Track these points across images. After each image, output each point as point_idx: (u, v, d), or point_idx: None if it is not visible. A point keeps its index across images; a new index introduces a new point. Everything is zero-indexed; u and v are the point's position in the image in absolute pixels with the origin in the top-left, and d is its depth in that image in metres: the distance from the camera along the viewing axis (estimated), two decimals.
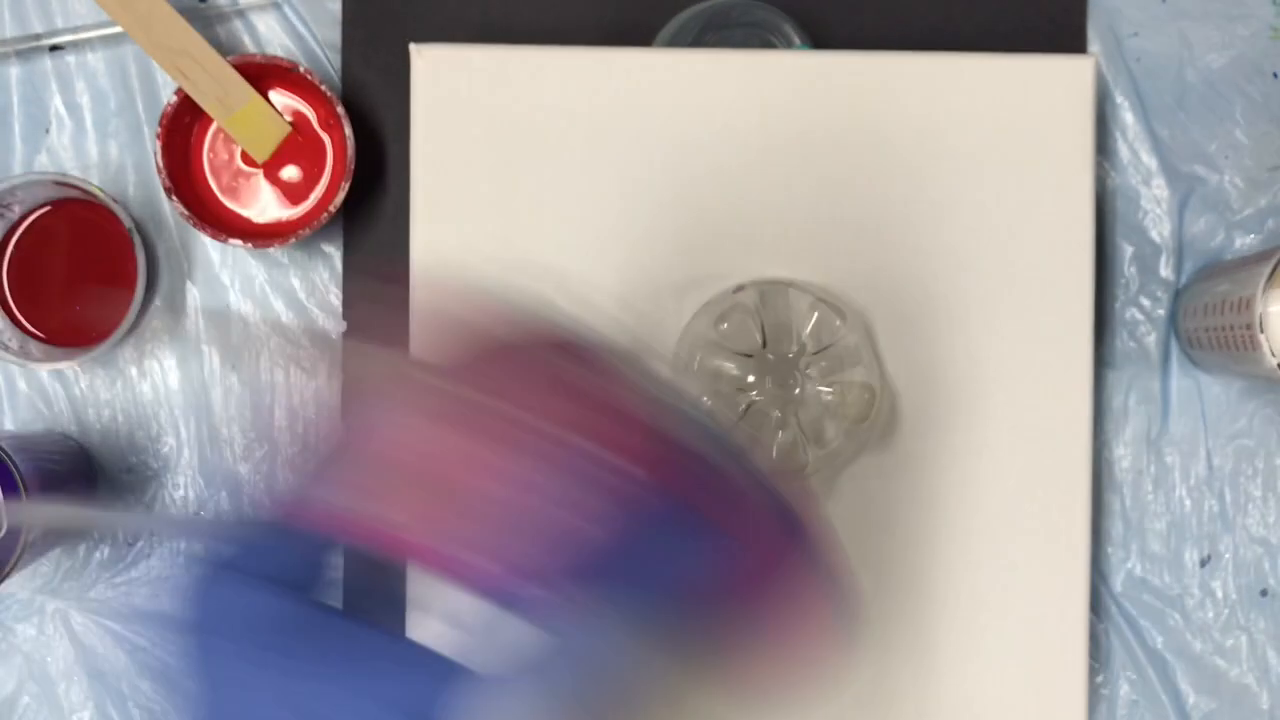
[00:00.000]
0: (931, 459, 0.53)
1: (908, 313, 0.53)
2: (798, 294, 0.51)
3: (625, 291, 0.53)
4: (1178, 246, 0.60)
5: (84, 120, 0.60)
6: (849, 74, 0.53)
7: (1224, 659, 0.59)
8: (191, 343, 0.59)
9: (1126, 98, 0.60)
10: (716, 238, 0.53)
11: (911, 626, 0.53)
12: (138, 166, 0.60)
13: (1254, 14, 0.60)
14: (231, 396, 0.59)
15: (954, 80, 0.53)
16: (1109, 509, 0.59)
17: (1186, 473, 0.59)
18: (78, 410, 0.59)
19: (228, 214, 0.59)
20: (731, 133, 0.53)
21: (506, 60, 0.53)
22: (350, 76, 0.60)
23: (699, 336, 0.51)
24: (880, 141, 0.53)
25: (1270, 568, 0.59)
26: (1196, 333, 0.57)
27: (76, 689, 0.59)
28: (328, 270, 0.60)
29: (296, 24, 0.60)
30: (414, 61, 0.53)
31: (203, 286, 0.60)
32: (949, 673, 0.53)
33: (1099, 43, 0.60)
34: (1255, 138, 0.60)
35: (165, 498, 0.59)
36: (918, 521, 0.53)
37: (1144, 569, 0.59)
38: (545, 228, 0.53)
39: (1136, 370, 0.60)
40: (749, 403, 0.51)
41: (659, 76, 0.53)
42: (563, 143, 0.53)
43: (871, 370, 0.51)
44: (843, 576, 0.35)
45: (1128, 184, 0.60)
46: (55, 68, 0.60)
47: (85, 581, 0.59)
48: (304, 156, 0.59)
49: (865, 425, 0.51)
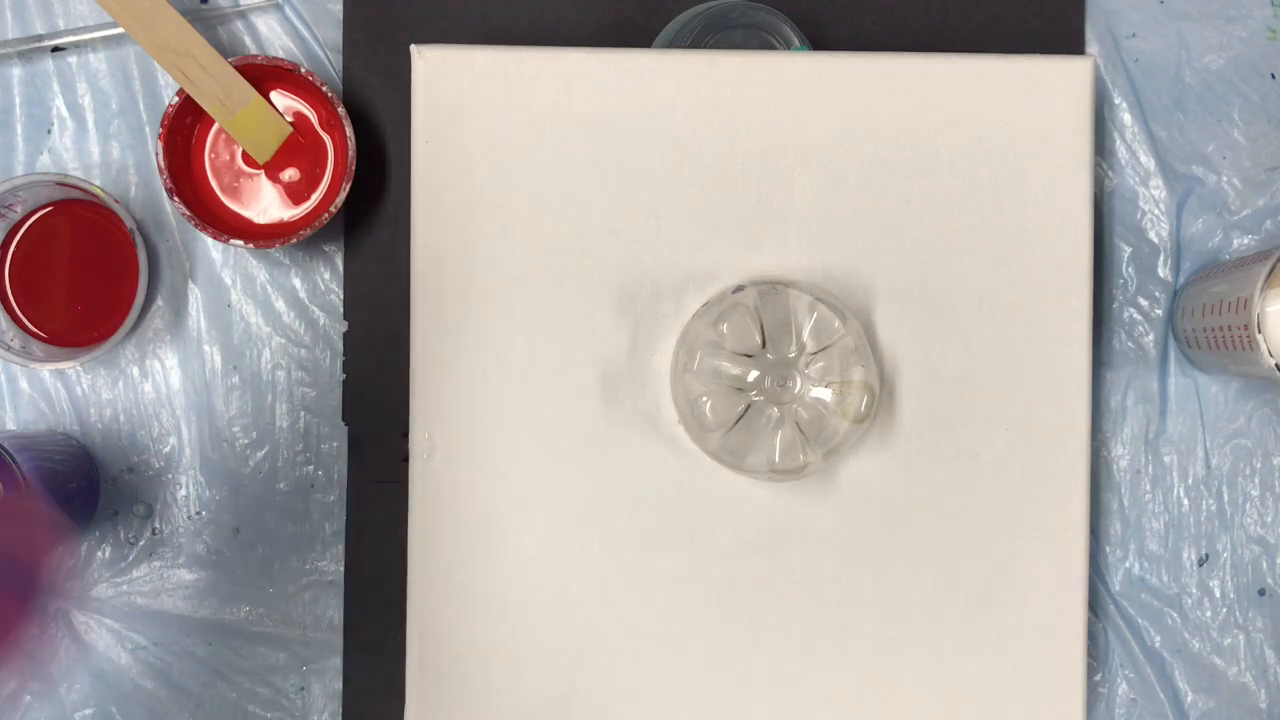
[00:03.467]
0: (931, 459, 0.53)
1: (907, 313, 0.53)
2: (797, 294, 0.51)
3: (625, 291, 0.53)
4: (1176, 247, 0.60)
5: (86, 121, 0.60)
6: (848, 75, 0.53)
7: (1222, 658, 0.59)
8: (193, 343, 0.60)
9: (1124, 99, 0.60)
10: (716, 238, 0.53)
11: (910, 625, 0.53)
12: (139, 167, 0.60)
13: (1251, 15, 0.60)
14: (233, 397, 0.60)
15: (953, 81, 0.53)
16: (1107, 508, 0.60)
17: (1184, 472, 0.60)
18: (79, 410, 0.60)
19: (229, 214, 0.59)
20: (731, 133, 0.53)
21: (507, 61, 0.53)
22: (351, 77, 0.60)
23: (699, 336, 0.51)
24: (879, 142, 0.53)
25: (1268, 567, 0.59)
26: (1194, 333, 0.57)
27: (78, 688, 0.59)
28: (329, 270, 0.60)
29: (298, 25, 0.60)
30: (415, 63, 0.53)
31: (204, 287, 0.60)
32: (948, 671, 0.53)
33: (1097, 44, 0.60)
34: (1253, 138, 0.60)
35: (167, 497, 0.60)
36: (917, 521, 0.53)
37: (1142, 568, 0.60)
38: (545, 228, 0.53)
39: (1134, 370, 0.60)
40: (749, 403, 0.51)
41: (659, 77, 0.53)
42: (563, 143, 0.53)
43: (871, 370, 0.51)
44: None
45: (1126, 184, 0.60)
46: (57, 68, 0.60)
47: (87, 580, 0.59)
48: (305, 157, 0.59)
49: (865, 425, 0.51)
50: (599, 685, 0.53)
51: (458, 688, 0.53)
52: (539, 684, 0.53)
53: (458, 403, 0.53)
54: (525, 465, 0.53)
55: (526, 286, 0.53)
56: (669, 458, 0.53)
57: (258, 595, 0.59)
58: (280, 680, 0.59)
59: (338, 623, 0.59)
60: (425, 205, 0.53)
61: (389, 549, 0.59)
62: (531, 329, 0.53)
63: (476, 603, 0.53)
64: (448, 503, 0.53)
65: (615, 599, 0.53)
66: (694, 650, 0.53)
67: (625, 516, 0.53)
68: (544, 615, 0.53)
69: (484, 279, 0.53)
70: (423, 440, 0.53)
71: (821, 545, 0.53)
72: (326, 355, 0.60)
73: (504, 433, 0.53)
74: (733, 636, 0.53)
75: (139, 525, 0.60)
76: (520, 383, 0.53)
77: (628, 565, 0.53)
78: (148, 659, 0.59)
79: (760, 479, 0.52)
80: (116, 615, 0.59)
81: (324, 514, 0.60)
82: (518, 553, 0.53)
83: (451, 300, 0.53)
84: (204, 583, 0.60)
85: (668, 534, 0.53)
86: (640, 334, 0.53)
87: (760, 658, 0.53)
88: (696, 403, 0.51)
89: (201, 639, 0.59)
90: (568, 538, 0.53)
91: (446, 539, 0.53)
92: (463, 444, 0.53)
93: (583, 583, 0.53)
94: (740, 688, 0.53)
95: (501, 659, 0.53)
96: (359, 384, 0.60)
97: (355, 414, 0.60)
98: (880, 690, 0.53)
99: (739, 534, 0.53)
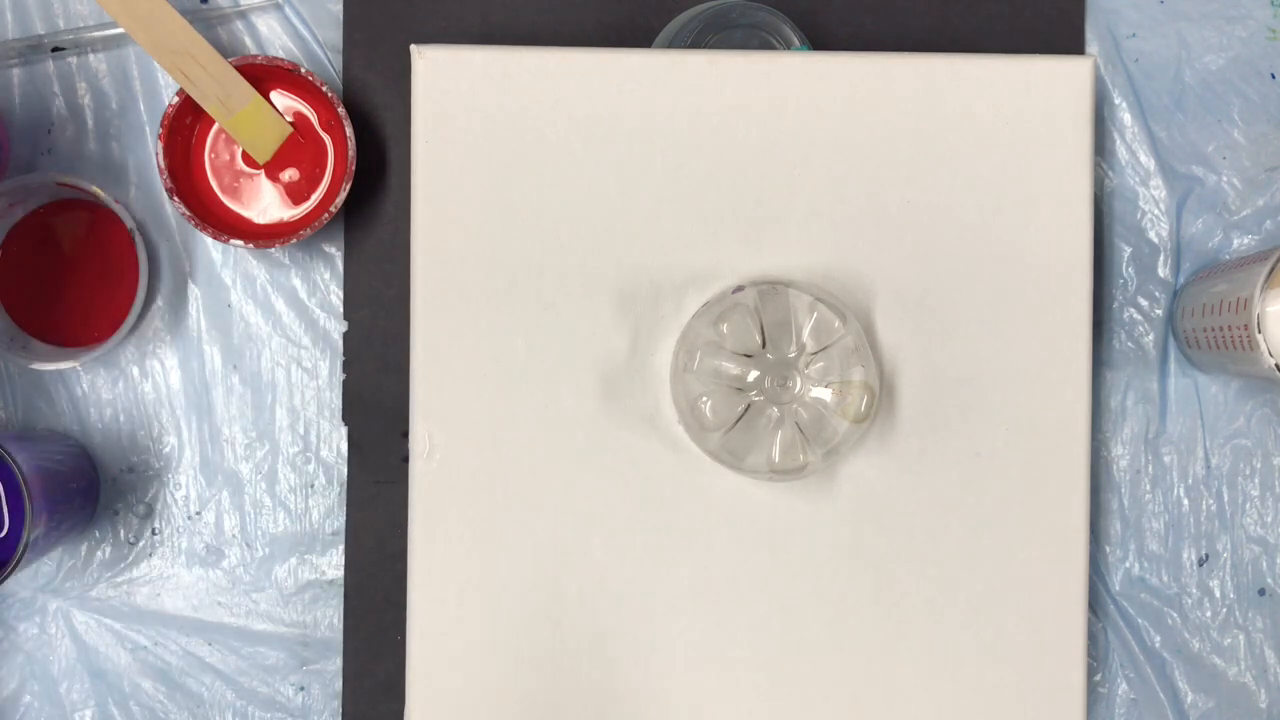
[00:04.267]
0: (930, 459, 0.53)
1: (906, 313, 0.53)
2: (797, 294, 0.51)
3: (625, 291, 0.53)
4: (1176, 247, 0.60)
5: (86, 121, 0.60)
6: (848, 75, 0.53)
7: (1222, 658, 0.59)
8: (193, 343, 0.60)
9: (1125, 99, 0.60)
10: (716, 238, 0.53)
11: (910, 625, 0.53)
12: (139, 167, 0.60)
13: (1251, 15, 0.60)
14: (233, 396, 0.60)
15: (953, 81, 0.53)
16: (1107, 508, 0.60)
17: (1184, 472, 0.60)
18: (79, 410, 0.60)
19: (229, 214, 0.59)
20: (731, 133, 0.53)
21: (507, 61, 0.53)
22: (351, 78, 0.60)
23: (699, 336, 0.51)
24: (879, 142, 0.53)
25: (1268, 567, 0.59)
26: (1194, 333, 0.57)
27: (78, 688, 0.59)
28: (329, 270, 0.60)
29: (298, 25, 0.60)
30: (415, 63, 0.53)
31: (204, 287, 0.60)
32: (948, 671, 0.53)
33: (1097, 44, 0.60)
34: (1253, 138, 0.60)
35: (166, 497, 0.60)
36: (917, 521, 0.53)
37: (1142, 568, 0.60)
38: (545, 228, 0.53)
39: (1134, 370, 0.60)
40: (749, 403, 0.51)
41: (659, 77, 0.53)
42: (563, 143, 0.53)
43: (871, 370, 0.51)
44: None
45: (1126, 185, 0.60)
46: (57, 69, 0.60)
47: (87, 580, 0.59)
48: (305, 157, 0.59)
49: (865, 425, 0.51)
50: (599, 685, 0.53)
51: (458, 688, 0.53)
52: (539, 684, 0.53)
53: (458, 403, 0.53)
54: (525, 465, 0.53)
55: (527, 286, 0.53)
56: (669, 458, 0.53)
57: (258, 595, 0.59)
58: (280, 680, 0.59)
59: (338, 623, 0.59)
60: (425, 205, 0.53)
61: (389, 549, 0.59)
62: (531, 329, 0.53)
63: (476, 603, 0.53)
64: (448, 503, 0.53)
65: (615, 599, 0.53)
66: (694, 650, 0.53)
67: (625, 516, 0.53)
68: (544, 615, 0.53)
69: (484, 279, 0.53)
70: (423, 440, 0.53)
71: (821, 545, 0.53)
72: (326, 355, 0.60)
73: (504, 433, 0.53)
74: (732, 636, 0.53)
75: (139, 525, 0.60)
76: (520, 383, 0.53)
77: (628, 565, 0.53)
78: (148, 659, 0.59)
79: (760, 479, 0.52)
80: (116, 615, 0.59)
81: (324, 514, 0.60)
82: (518, 553, 0.53)
83: (451, 300, 0.53)
84: (204, 583, 0.60)
85: (668, 534, 0.53)
86: (640, 334, 0.53)
87: (760, 658, 0.53)
88: (696, 403, 0.51)
89: (201, 639, 0.59)
90: (568, 538, 0.53)
91: (446, 539, 0.53)
92: (463, 444, 0.53)
93: (583, 582, 0.53)
94: (740, 687, 0.53)
95: (501, 659, 0.53)
96: (359, 384, 0.60)
97: (355, 414, 0.60)
98: (880, 690, 0.53)
99: (739, 534, 0.53)
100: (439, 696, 0.53)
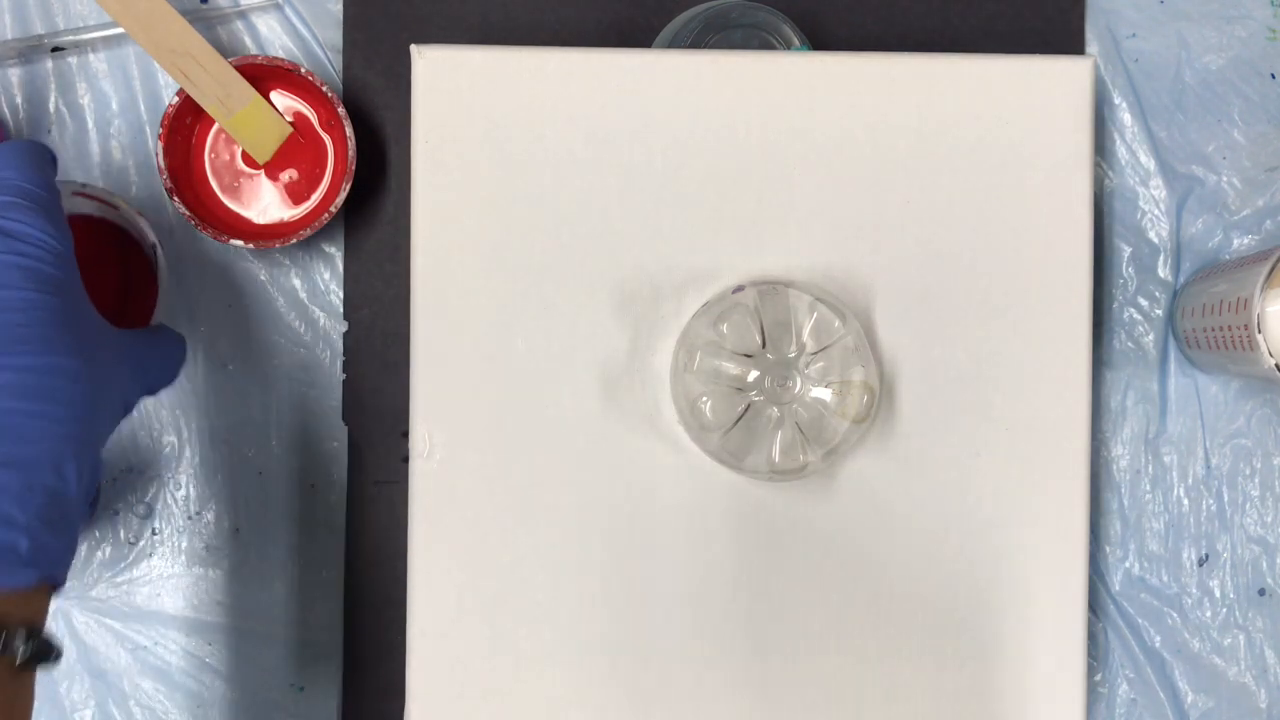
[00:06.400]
0: (930, 459, 0.53)
1: (906, 313, 0.53)
2: (797, 294, 0.51)
3: (625, 291, 0.53)
4: (1176, 247, 0.60)
5: (85, 121, 0.60)
6: (849, 75, 0.53)
7: (1222, 658, 0.59)
8: (193, 343, 0.60)
9: (1124, 99, 0.60)
10: (716, 238, 0.53)
11: (910, 626, 0.53)
12: (139, 167, 0.60)
13: (1251, 15, 0.60)
14: (233, 396, 0.60)
15: (953, 81, 0.53)
16: (1107, 508, 0.60)
17: (1184, 472, 0.60)
18: None
19: (229, 214, 0.59)
20: (731, 133, 0.53)
21: (507, 61, 0.53)
22: (351, 77, 0.60)
23: (698, 336, 0.51)
24: (879, 142, 0.53)
25: (1268, 567, 0.60)
26: (1194, 333, 0.57)
27: (78, 688, 0.59)
28: (329, 270, 0.60)
29: (298, 25, 0.60)
30: (415, 62, 0.53)
31: (204, 287, 0.60)
32: (948, 671, 0.53)
33: (1097, 44, 0.60)
34: (1253, 138, 0.60)
35: (166, 497, 0.60)
36: (916, 521, 0.53)
37: (1142, 568, 0.60)
38: (545, 228, 0.53)
39: (1134, 370, 0.60)
40: (749, 403, 0.51)
41: (659, 77, 0.53)
42: (563, 143, 0.53)
43: (871, 370, 0.51)
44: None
45: (1126, 185, 0.60)
46: (57, 69, 0.60)
47: (87, 580, 0.59)
48: (305, 157, 0.59)
49: (865, 425, 0.51)
50: (599, 686, 0.53)
51: (458, 688, 0.53)
52: (539, 684, 0.53)
53: (458, 403, 0.53)
54: (525, 465, 0.53)
55: (526, 286, 0.53)
56: (669, 458, 0.53)
57: (258, 595, 0.59)
58: (280, 680, 0.59)
59: (338, 623, 0.59)
60: (425, 205, 0.53)
61: (389, 549, 0.59)
62: (531, 329, 0.53)
63: (476, 603, 0.53)
64: (448, 503, 0.53)
65: (615, 599, 0.53)
66: (693, 650, 0.53)
67: (625, 516, 0.53)
68: (544, 615, 0.53)
69: (484, 279, 0.53)
70: (423, 440, 0.53)
71: (821, 545, 0.53)
72: (326, 355, 0.60)
73: (504, 433, 0.53)
74: (732, 636, 0.53)
75: (139, 525, 0.60)
76: (520, 383, 0.53)
77: (627, 565, 0.53)
78: (148, 659, 0.59)
79: (760, 479, 0.52)
80: (116, 615, 0.59)
81: (324, 514, 0.60)
82: (518, 553, 0.53)
83: (451, 300, 0.53)
84: (204, 583, 0.60)
85: (668, 534, 0.53)
86: (640, 334, 0.53)
87: (760, 657, 0.53)
88: (696, 403, 0.51)
89: (201, 639, 0.59)
90: (568, 537, 0.53)
91: (446, 539, 0.53)
92: (463, 444, 0.53)
93: (582, 582, 0.53)
94: (740, 687, 0.53)
95: (501, 659, 0.53)
96: (359, 384, 0.60)
97: (355, 414, 0.60)
98: (880, 690, 0.53)
99: (739, 534, 0.53)
100: (439, 696, 0.53)
